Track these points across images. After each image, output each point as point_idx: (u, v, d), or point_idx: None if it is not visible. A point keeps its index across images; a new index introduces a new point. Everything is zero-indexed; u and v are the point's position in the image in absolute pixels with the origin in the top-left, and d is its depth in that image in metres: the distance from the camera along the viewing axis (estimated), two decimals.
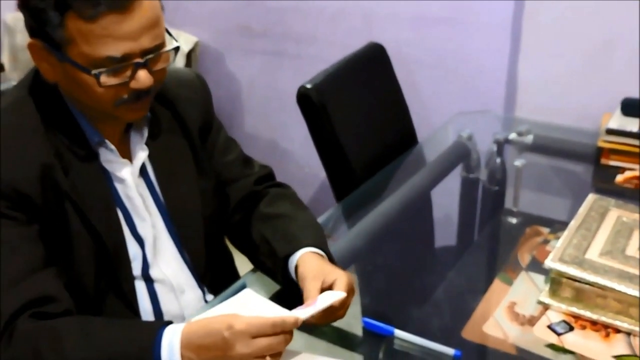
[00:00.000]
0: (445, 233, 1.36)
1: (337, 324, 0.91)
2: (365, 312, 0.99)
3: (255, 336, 0.74)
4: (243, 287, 1.00)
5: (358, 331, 0.97)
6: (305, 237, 0.95)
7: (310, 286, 0.85)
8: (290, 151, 2.18)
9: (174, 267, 0.98)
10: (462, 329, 0.98)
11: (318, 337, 0.94)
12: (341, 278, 0.86)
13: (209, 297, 1.04)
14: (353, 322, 0.96)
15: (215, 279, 1.04)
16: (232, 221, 1.06)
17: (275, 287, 1.01)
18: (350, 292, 0.86)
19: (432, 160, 1.53)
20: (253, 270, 1.07)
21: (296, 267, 0.91)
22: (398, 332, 0.91)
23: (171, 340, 0.77)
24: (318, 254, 0.93)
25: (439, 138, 1.63)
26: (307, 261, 0.90)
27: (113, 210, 0.91)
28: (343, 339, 0.97)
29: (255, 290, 1.00)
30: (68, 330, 0.78)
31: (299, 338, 0.79)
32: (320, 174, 2.06)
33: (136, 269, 0.94)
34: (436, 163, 1.52)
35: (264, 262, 1.00)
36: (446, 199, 1.43)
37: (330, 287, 0.86)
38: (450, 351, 0.88)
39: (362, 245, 1.21)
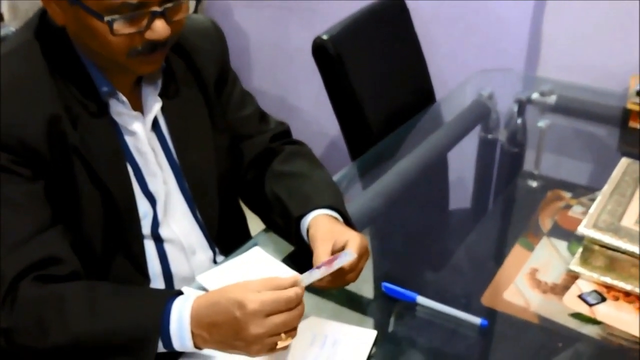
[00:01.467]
0: (461, 195, 1.33)
1: (349, 287, 0.87)
2: (380, 276, 0.96)
3: (269, 314, 0.70)
4: (254, 246, 0.97)
5: (369, 294, 0.94)
6: (320, 197, 0.91)
7: (320, 249, 0.82)
8: (298, 108, 2.12)
9: (185, 227, 0.94)
10: (482, 296, 0.94)
11: (327, 298, 0.92)
12: (353, 240, 0.82)
13: (220, 258, 1.00)
14: (365, 286, 0.93)
15: (227, 240, 1.00)
16: (246, 179, 1.02)
17: (287, 248, 0.97)
18: (363, 254, 0.83)
19: (450, 120, 1.48)
20: (265, 230, 1.03)
21: (308, 229, 0.87)
22: (421, 299, 0.87)
23: (180, 316, 0.73)
24: (332, 216, 0.89)
25: (457, 97, 1.58)
26: (318, 223, 0.87)
27: (123, 165, 0.86)
28: (353, 302, 0.94)
29: (266, 251, 0.96)
30: (73, 298, 0.75)
31: (307, 300, 0.75)
32: (330, 132, 2.02)
33: (146, 227, 0.90)
34: (454, 123, 1.47)
35: (276, 222, 0.96)
36: (462, 160, 1.39)
37: (342, 250, 0.82)
38: (476, 320, 0.84)
39: (376, 206, 1.17)
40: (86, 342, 0.73)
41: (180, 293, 0.77)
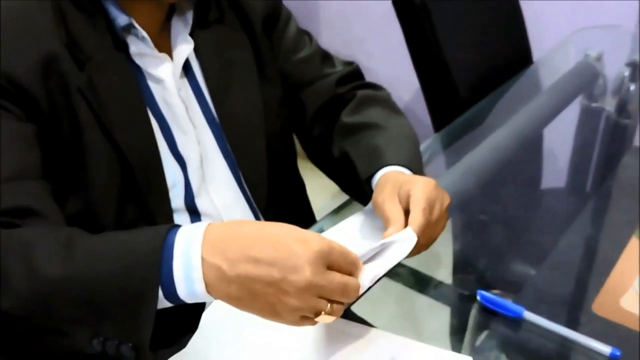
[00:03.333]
0: (555, 171, 1.19)
1: (418, 264, 0.74)
2: (461, 269, 0.83)
3: (332, 266, 0.55)
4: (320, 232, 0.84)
5: (443, 276, 0.81)
6: (392, 152, 0.76)
7: (389, 211, 0.66)
8: (367, 69, 1.98)
9: (227, 197, 0.80)
10: (593, 302, 0.78)
11: (392, 279, 0.80)
12: (416, 187, 0.66)
13: None
14: (441, 272, 0.81)
15: (280, 213, 0.84)
16: (312, 135, 0.87)
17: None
18: (432, 205, 0.66)
19: (550, 85, 1.33)
20: (335, 212, 0.89)
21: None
22: (529, 315, 0.71)
23: (189, 245, 0.54)
24: (401, 172, 0.73)
25: (557, 58, 1.44)
26: (382, 181, 0.72)
27: (144, 116, 0.72)
28: (422, 284, 0.82)
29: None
30: (43, 241, 0.57)
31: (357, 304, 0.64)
32: (404, 96, 1.88)
33: (177, 198, 0.75)
34: (555, 88, 1.31)
35: (349, 186, 0.83)
36: (559, 131, 1.24)
37: (406, 205, 0.67)
38: (605, 349, 0.68)
39: (463, 187, 1.03)
40: (59, 292, 0.54)
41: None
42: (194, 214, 0.77)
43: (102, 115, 0.68)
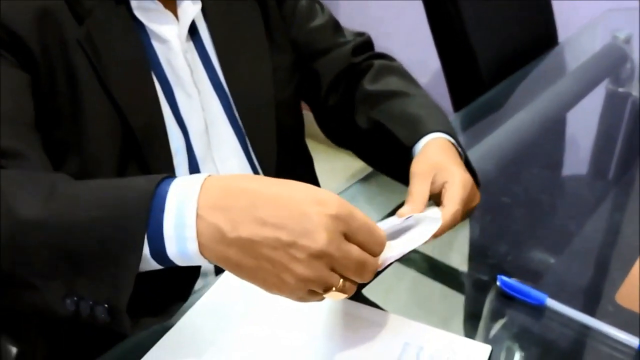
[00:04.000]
0: (577, 158, 1.13)
1: (432, 250, 0.72)
2: (478, 258, 0.79)
3: (351, 237, 0.48)
4: None
5: (457, 263, 0.78)
6: (432, 119, 0.73)
7: (415, 187, 0.64)
8: (384, 49, 1.95)
9: (234, 167, 0.76)
10: (616, 293, 0.74)
11: (405, 264, 0.76)
12: (453, 179, 0.63)
13: None
14: (449, 252, 0.78)
15: None
16: (327, 106, 0.84)
17: (379, 212, 0.81)
18: (466, 200, 0.64)
19: (575, 67, 1.27)
20: (346, 189, 0.86)
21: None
22: (551, 302, 0.67)
23: (182, 201, 0.47)
24: (448, 140, 0.71)
25: (584, 39, 1.38)
26: (425, 151, 0.69)
27: (147, 76, 0.68)
28: (435, 271, 0.78)
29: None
30: (30, 179, 0.52)
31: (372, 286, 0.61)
32: (421, 78, 1.83)
33: (180, 166, 0.72)
34: (581, 71, 1.25)
35: (379, 157, 0.80)
36: (583, 115, 1.19)
37: (438, 195, 0.64)
38: (634, 341, 0.64)
39: (481, 169, 0.98)
40: (34, 235, 0.48)
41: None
42: None
43: (102, 72, 0.64)
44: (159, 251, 0.47)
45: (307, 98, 0.86)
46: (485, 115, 1.09)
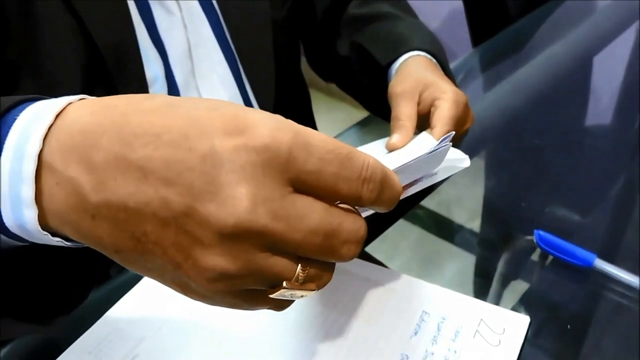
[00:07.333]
0: (600, 107, 1.04)
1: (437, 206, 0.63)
2: (493, 214, 0.70)
3: (310, 187, 0.27)
4: None
5: (464, 219, 0.69)
6: (417, 37, 0.64)
7: (400, 109, 0.54)
8: None
9: (223, 98, 0.66)
10: None
11: (409, 220, 0.67)
12: (445, 103, 0.53)
13: None
14: (457, 207, 0.69)
15: None
16: (320, 40, 0.76)
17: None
18: (461, 119, 0.55)
19: (606, 4, 1.16)
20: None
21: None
22: (600, 263, 0.57)
23: (24, 138, 0.28)
24: (427, 58, 0.61)
25: None
26: (403, 69, 0.59)
27: None
28: (441, 228, 0.69)
29: None
30: None
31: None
32: (444, 5, 1.69)
33: None
34: (610, 10, 1.14)
35: (359, 84, 0.71)
36: (608, 60, 1.08)
37: (427, 115, 0.55)
38: None
39: (498, 119, 0.89)
40: None
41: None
42: None
43: None
44: None
45: (302, 35, 0.77)
46: (504, 53, 0.98)
